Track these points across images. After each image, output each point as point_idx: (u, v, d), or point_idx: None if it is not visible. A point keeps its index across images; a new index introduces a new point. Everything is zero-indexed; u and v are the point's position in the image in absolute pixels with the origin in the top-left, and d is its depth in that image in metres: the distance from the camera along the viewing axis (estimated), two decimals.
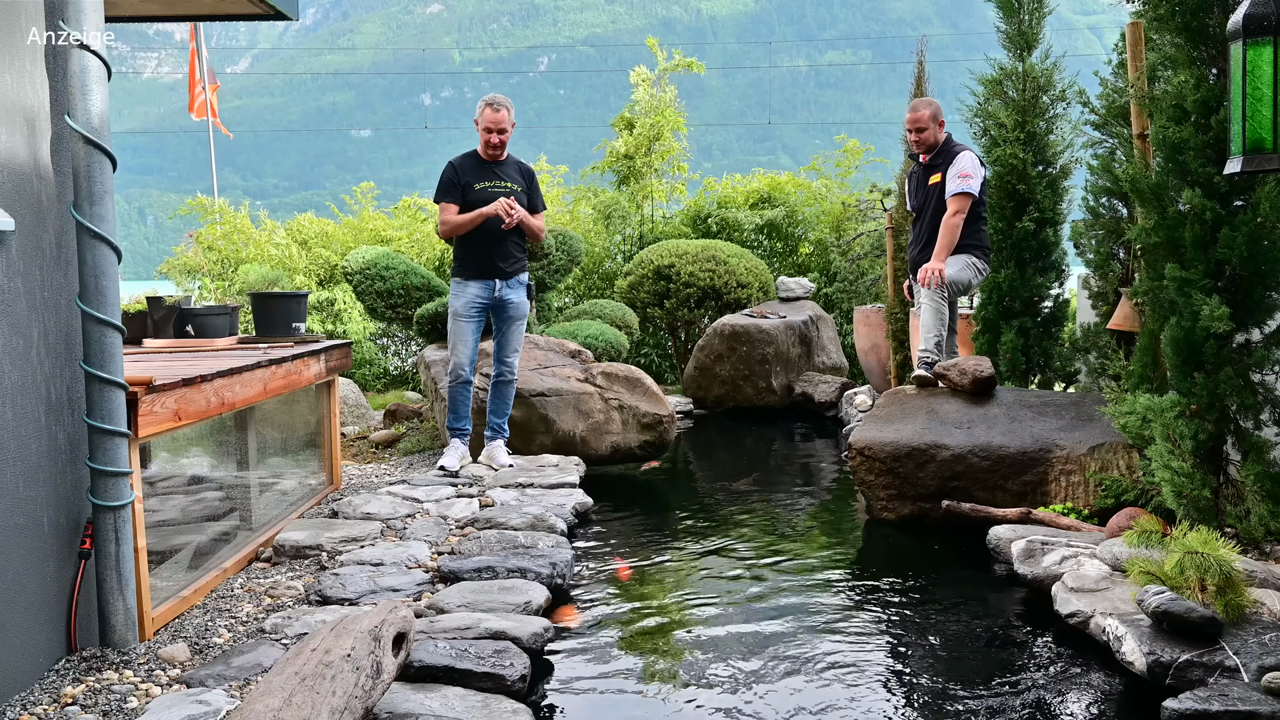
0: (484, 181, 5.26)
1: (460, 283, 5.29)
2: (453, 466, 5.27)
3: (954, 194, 5.22)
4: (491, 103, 5.25)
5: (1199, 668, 2.66)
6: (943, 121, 5.45)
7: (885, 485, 4.62)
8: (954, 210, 5.22)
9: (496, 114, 5.24)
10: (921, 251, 5.46)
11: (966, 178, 5.21)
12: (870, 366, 7.68)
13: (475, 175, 5.27)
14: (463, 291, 5.26)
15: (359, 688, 2.34)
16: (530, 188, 5.43)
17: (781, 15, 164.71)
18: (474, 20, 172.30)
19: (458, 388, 5.32)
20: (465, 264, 5.28)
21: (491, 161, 5.31)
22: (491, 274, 5.26)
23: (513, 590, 3.38)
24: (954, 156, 5.30)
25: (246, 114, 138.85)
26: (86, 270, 2.87)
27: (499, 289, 5.29)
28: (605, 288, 10.38)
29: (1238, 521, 3.64)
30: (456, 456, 5.33)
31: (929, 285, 5.20)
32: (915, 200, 5.61)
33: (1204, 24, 3.64)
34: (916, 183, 5.59)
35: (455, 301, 5.27)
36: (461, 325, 5.25)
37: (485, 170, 5.29)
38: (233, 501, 4.18)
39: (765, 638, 3.26)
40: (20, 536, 2.66)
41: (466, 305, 5.25)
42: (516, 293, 5.35)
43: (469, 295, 5.25)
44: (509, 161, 5.38)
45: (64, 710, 2.57)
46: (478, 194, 5.22)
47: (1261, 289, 3.52)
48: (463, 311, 5.25)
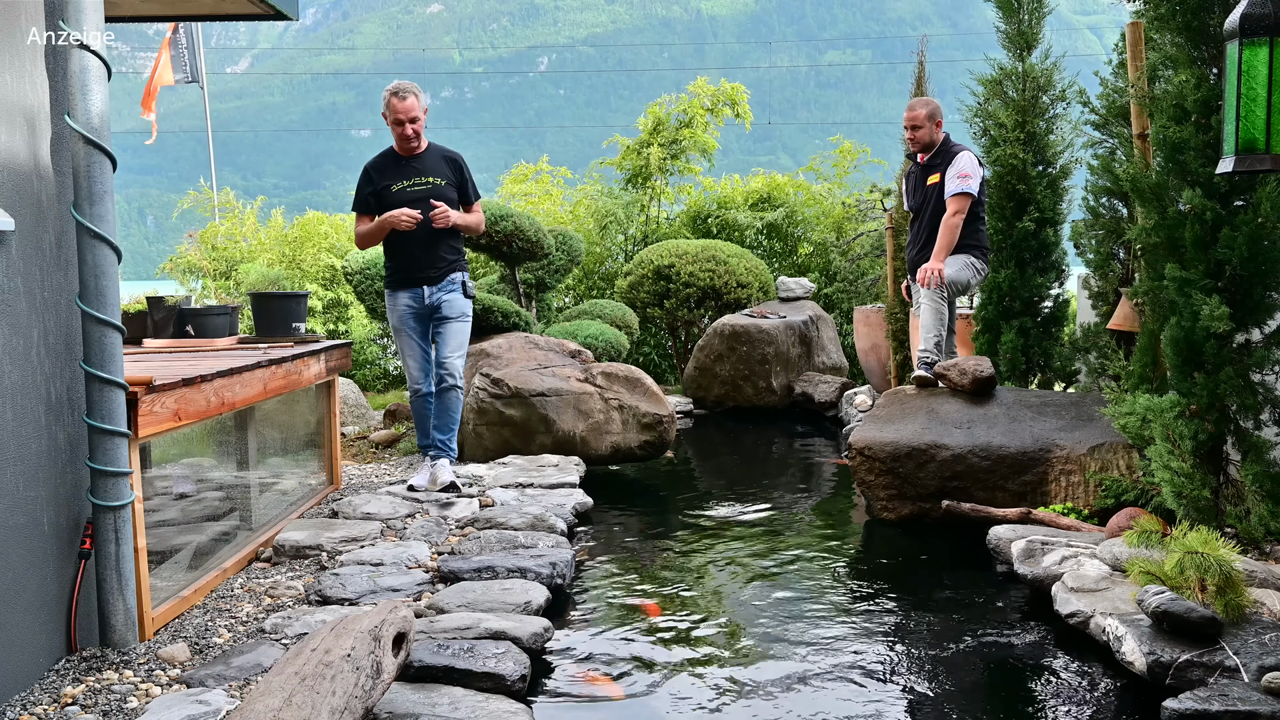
0: (402, 180, 4.78)
1: (389, 294, 4.90)
2: (422, 485, 4.90)
3: (953, 194, 5.23)
4: (396, 91, 4.70)
5: (1199, 668, 2.66)
6: (940, 121, 5.45)
7: (885, 485, 4.62)
8: (954, 210, 5.22)
9: (404, 102, 4.68)
10: (920, 252, 5.47)
11: (965, 178, 5.21)
12: (870, 366, 7.68)
13: (393, 175, 4.79)
14: (394, 304, 4.88)
15: (359, 688, 2.34)
16: (461, 178, 4.92)
17: (781, 15, 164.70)
18: (474, 20, 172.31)
19: (417, 402, 4.97)
20: (391, 273, 4.88)
21: (410, 156, 4.80)
22: (418, 281, 4.83)
23: (513, 590, 3.38)
24: (953, 157, 5.31)
25: (246, 114, 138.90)
26: (86, 270, 2.87)
27: (429, 295, 4.84)
28: (605, 288, 10.39)
29: (1238, 521, 3.63)
30: (426, 475, 4.95)
31: (928, 285, 5.19)
32: (913, 200, 5.61)
33: (1204, 24, 3.64)
34: (915, 183, 5.59)
35: (390, 316, 4.92)
36: (403, 340, 4.91)
37: (403, 168, 4.80)
38: (233, 501, 4.18)
39: (765, 638, 3.26)
40: (20, 536, 2.66)
41: (401, 318, 4.87)
42: (449, 294, 4.88)
43: (400, 307, 4.86)
44: (430, 153, 4.86)
45: (64, 710, 2.57)
46: (396, 196, 4.76)
47: (1261, 289, 3.52)
48: (399, 325, 4.89)
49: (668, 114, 10.47)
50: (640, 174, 10.56)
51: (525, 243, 7.25)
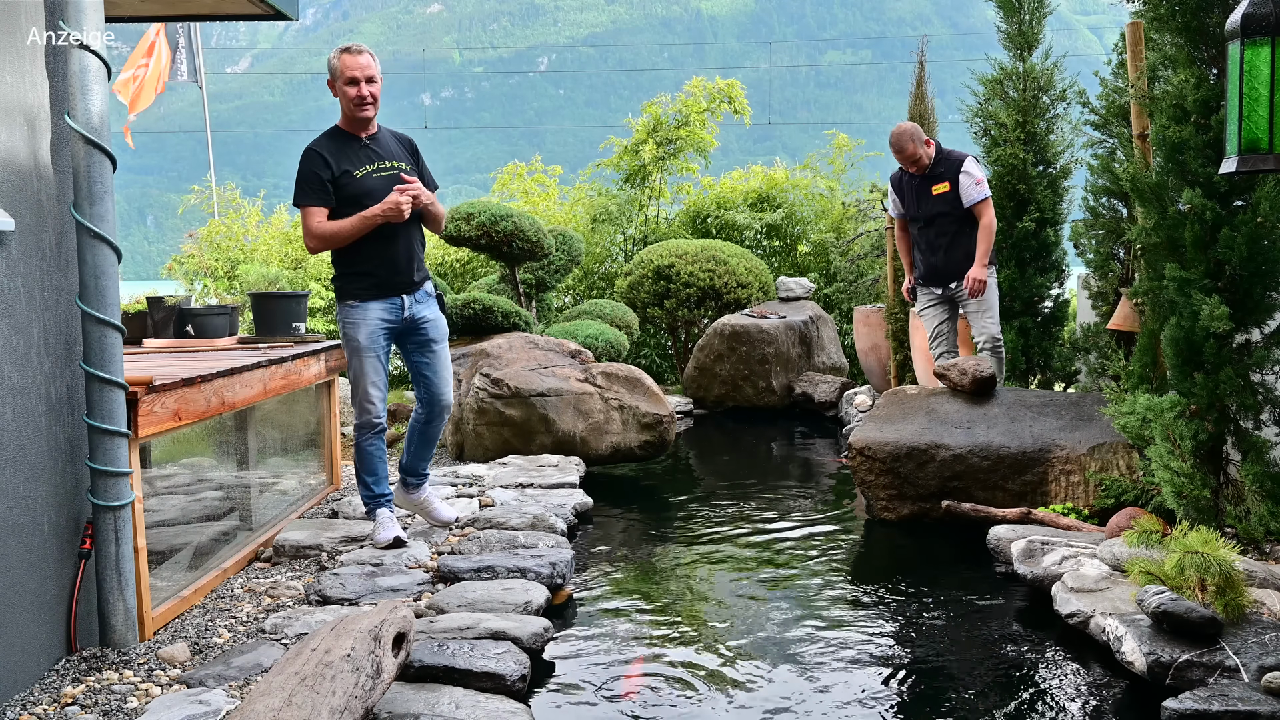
0: (365, 165, 3.88)
1: (355, 306, 3.91)
2: (388, 537, 3.96)
3: (979, 200, 5.31)
4: (347, 48, 3.86)
5: (1199, 668, 2.66)
6: (925, 138, 5.46)
7: (885, 485, 4.62)
8: (989, 217, 5.32)
9: (358, 57, 3.83)
10: (945, 258, 5.47)
11: (982, 183, 5.33)
12: (870, 366, 7.68)
13: (351, 159, 3.86)
14: (362, 317, 3.91)
15: (359, 688, 2.34)
16: (418, 164, 4.08)
17: (781, 15, 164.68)
18: (474, 20, 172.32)
19: (373, 439, 4.04)
20: (359, 280, 3.91)
21: (366, 137, 3.92)
22: (397, 289, 3.96)
23: (513, 590, 3.38)
24: (958, 163, 5.33)
25: (246, 114, 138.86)
26: (86, 270, 2.87)
27: (409, 306, 4.00)
28: (605, 288, 10.38)
29: (1238, 521, 3.63)
30: (394, 525, 4.03)
31: (977, 294, 5.33)
32: (920, 209, 5.54)
33: (1204, 24, 3.65)
34: (914, 192, 5.56)
35: (354, 331, 3.91)
36: (367, 362, 3.93)
37: (360, 151, 3.90)
38: (233, 501, 4.18)
39: (764, 637, 3.26)
40: (20, 536, 2.66)
41: (371, 335, 3.92)
42: (430, 308, 4.09)
43: (372, 322, 3.91)
44: (384, 134, 4.01)
45: (64, 710, 2.57)
46: (360, 183, 3.85)
47: (1261, 289, 3.52)
48: (367, 344, 3.91)
49: (665, 114, 10.47)
50: (637, 173, 10.56)
51: (525, 243, 7.25)
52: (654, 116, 10.47)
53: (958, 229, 5.39)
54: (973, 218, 5.34)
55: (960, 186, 5.32)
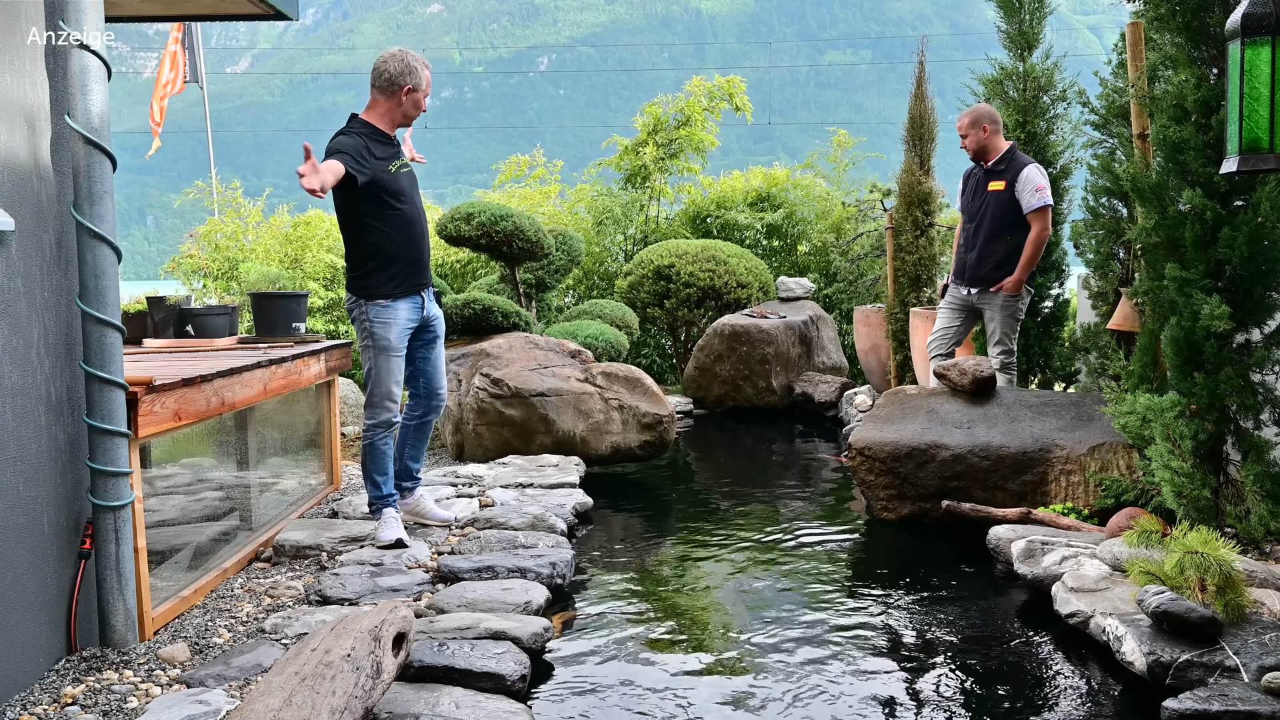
0: (396, 161, 4.03)
1: (386, 305, 3.98)
2: (391, 537, 4.00)
3: (1036, 208, 5.22)
4: (424, 63, 4.06)
5: (1199, 668, 2.66)
6: (988, 127, 5.33)
7: (885, 485, 4.62)
8: (1041, 226, 5.23)
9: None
10: (976, 256, 5.42)
11: (1042, 190, 5.22)
12: (870, 366, 7.68)
13: (384, 154, 3.98)
14: (393, 317, 3.99)
15: (359, 688, 2.34)
16: None
17: (781, 15, 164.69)
18: (474, 20, 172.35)
19: (388, 438, 4.12)
20: (390, 277, 3.98)
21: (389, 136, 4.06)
22: (420, 286, 4.11)
23: (513, 590, 3.39)
24: (1020, 169, 5.26)
25: (247, 114, 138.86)
26: (86, 270, 2.87)
27: (426, 304, 4.17)
28: (605, 288, 10.38)
29: (1238, 521, 3.64)
30: (398, 525, 4.08)
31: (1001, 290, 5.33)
32: (972, 202, 5.50)
33: (1204, 23, 3.65)
34: (975, 185, 5.51)
35: (385, 330, 3.98)
36: (395, 361, 4.03)
37: (389, 148, 4.03)
38: (233, 501, 4.18)
39: (764, 638, 3.26)
40: (20, 536, 2.66)
41: (401, 335, 4.03)
42: (436, 305, 4.27)
43: (401, 320, 4.02)
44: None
45: (64, 710, 2.57)
46: (395, 178, 3.99)
47: (1261, 289, 3.52)
48: (397, 343, 4.02)
49: (665, 114, 10.47)
50: (638, 173, 10.57)
51: (525, 243, 7.25)
52: (654, 117, 10.47)
53: (996, 232, 5.32)
54: (1017, 227, 5.27)
55: (1017, 190, 5.25)
